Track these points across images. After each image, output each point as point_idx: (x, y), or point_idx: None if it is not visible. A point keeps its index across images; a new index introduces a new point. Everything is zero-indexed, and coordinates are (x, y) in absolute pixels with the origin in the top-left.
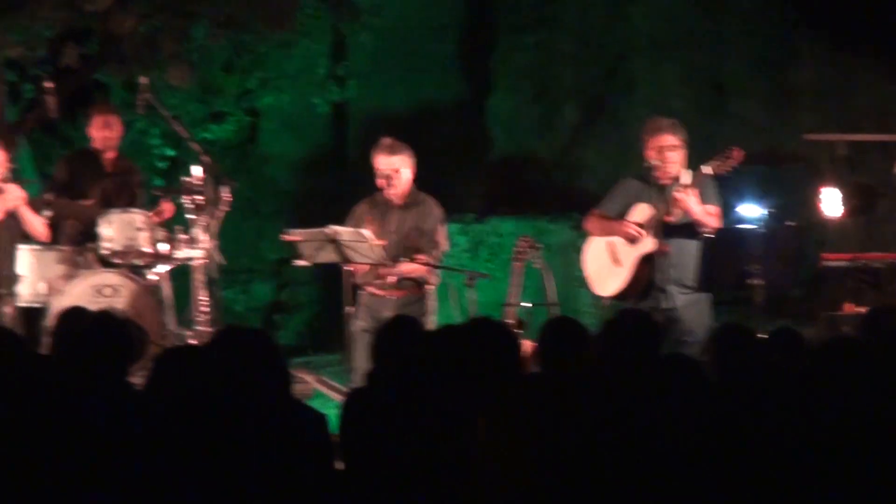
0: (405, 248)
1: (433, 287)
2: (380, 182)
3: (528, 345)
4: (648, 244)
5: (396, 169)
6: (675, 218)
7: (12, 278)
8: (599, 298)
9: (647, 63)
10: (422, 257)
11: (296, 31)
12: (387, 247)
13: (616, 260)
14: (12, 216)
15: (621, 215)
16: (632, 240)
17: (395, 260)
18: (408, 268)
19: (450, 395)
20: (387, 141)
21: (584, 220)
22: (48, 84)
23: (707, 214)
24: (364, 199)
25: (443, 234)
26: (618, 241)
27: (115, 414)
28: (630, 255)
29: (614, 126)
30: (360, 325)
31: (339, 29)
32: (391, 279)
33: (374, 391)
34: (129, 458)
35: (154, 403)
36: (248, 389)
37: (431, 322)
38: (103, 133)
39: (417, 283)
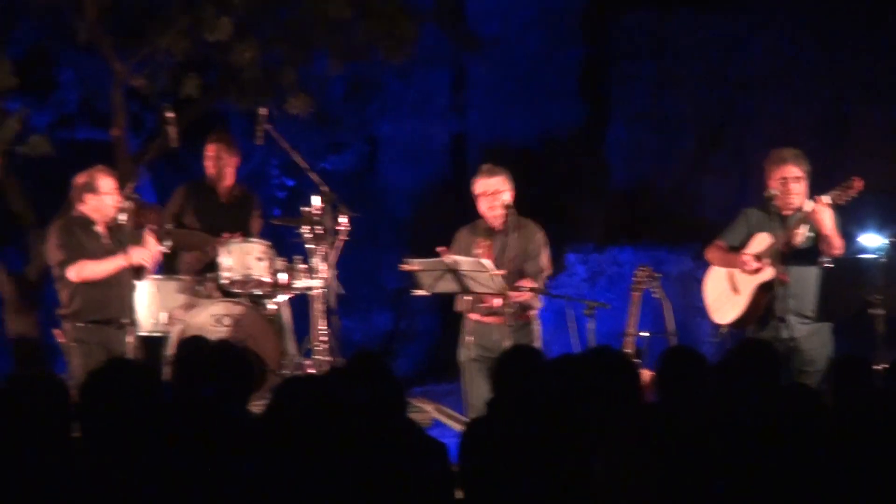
0: (509, 274)
1: (536, 313)
2: (481, 207)
3: (646, 374)
4: (768, 273)
5: (496, 191)
6: (800, 239)
7: (133, 308)
8: (718, 327)
9: (767, 93)
10: (527, 282)
11: (416, 61)
12: (505, 276)
13: (735, 288)
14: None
15: (742, 245)
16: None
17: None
18: (516, 294)
19: (569, 425)
20: (485, 166)
21: (705, 251)
22: (169, 114)
23: (837, 234)
24: (464, 227)
25: (547, 257)
26: (737, 269)
27: (235, 443)
28: (749, 284)
29: (733, 156)
30: (467, 354)
31: (459, 59)
32: (496, 303)
33: (493, 420)
34: (250, 486)
35: (273, 432)
36: (369, 417)
37: (539, 346)
38: (218, 164)
39: (522, 308)
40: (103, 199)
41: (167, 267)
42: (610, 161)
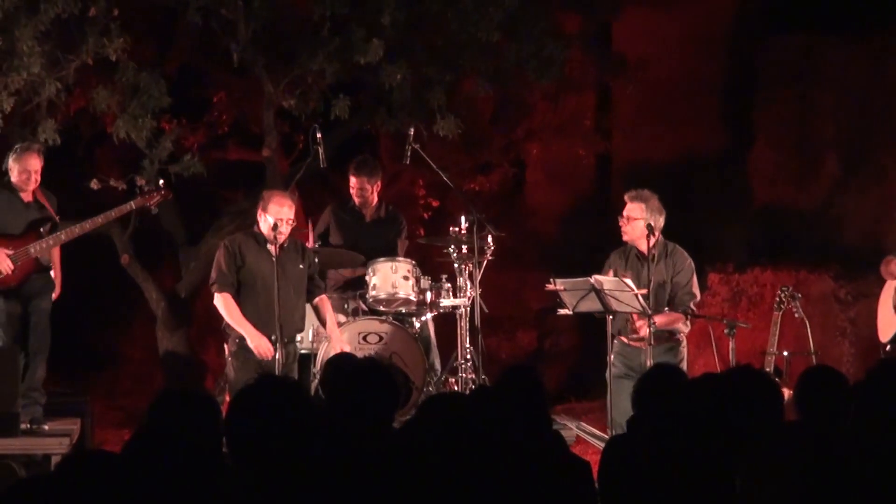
0: (658, 300)
1: (683, 336)
2: (623, 230)
3: (786, 393)
4: None
5: (629, 217)
6: None
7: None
8: (884, 346)
9: None
10: (671, 314)
11: (563, 83)
12: (649, 300)
13: (895, 306)
14: (294, 271)
15: None
16: None
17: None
18: (661, 320)
19: (711, 443)
20: (630, 192)
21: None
22: (319, 135)
23: None
24: (615, 250)
25: (695, 284)
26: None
27: (382, 459)
28: None
29: (876, 178)
30: (614, 371)
31: (604, 81)
32: (644, 332)
33: (635, 439)
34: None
35: (419, 449)
36: (517, 432)
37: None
38: (362, 195)
39: (669, 333)
40: (270, 223)
41: None
42: (752, 182)
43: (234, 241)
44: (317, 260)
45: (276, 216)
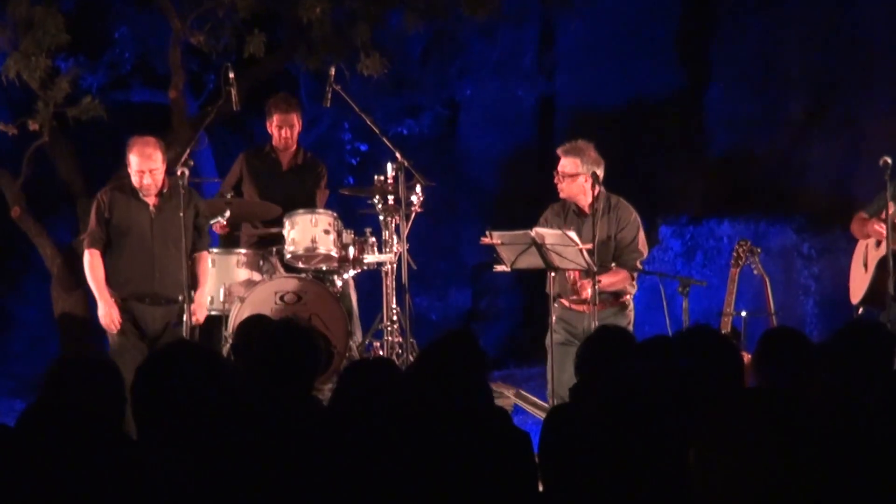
0: (601, 259)
1: (630, 298)
2: (559, 187)
3: (745, 357)
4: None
5: (568, 173)
6: None
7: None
8: (855, 307)
9: (886, 48)
10: (617, 271)
11: (500, 17)
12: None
13: (865, 264)
14: (175, 223)
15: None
16: (877, 240)
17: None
18: (606, 280)
19: (661, 413)
20: (564, 145)
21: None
22: (231, 75)
23: None
24: (550, 207)
25: (642, 241)
26: (871, 243)
27: (300, 430)
28: (874, 259)
29: (843, 122)
30: (555, 337)
31: (547, 15)
32: (585, 293)
33: (578, 408)
34: (315, 478)
35: (341, 421)
36: (452, 403)
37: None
38: (279, 132)
39: (615, 295)
40: (133, 174)
41: (226, 240)
42: (708, 126)
43: (105, 192)
44: (228, 213)
45: (137, 167)
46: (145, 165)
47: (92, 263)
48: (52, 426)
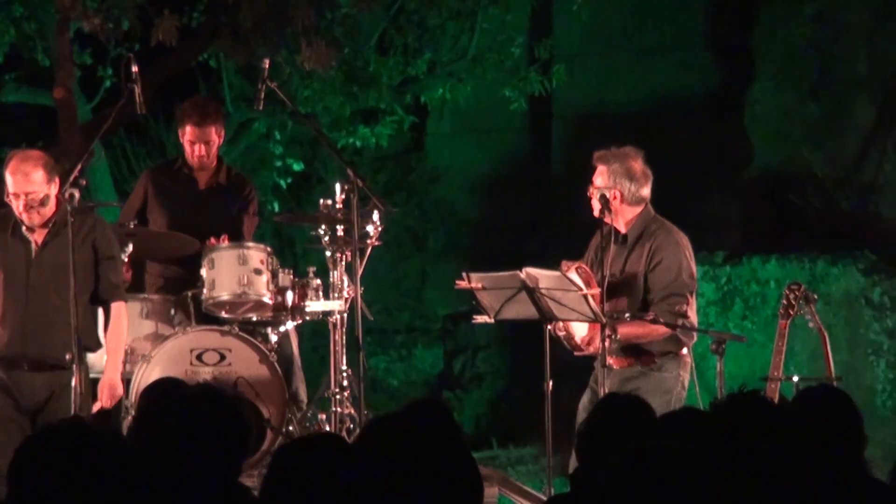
0: (618, 296)
1: (678, 354)
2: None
3: None
4: None
5: (596, 186)
6: None
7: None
8: None
9: None
10: (649, 316)
11: None
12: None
13: None
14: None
15: None
16: None
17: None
18: (627, 330)
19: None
20: (602, 151)
21: None
22: (135, 69)
23: None
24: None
25: (684, 281)
26: None
27: None
28: None
29: None
30: (583, 400)
31: None
32: (594, 347)
33: (581, 501)
34: None
35: None
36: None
37: (675, 402)
38: (196, 147)
39: (642, 350)
40: (12, 202)
41: (129, 282)
42: (751, 136)
43: None
44: (130, 247)
45: (12, 190)
46: (22, 187)
47: None
48: None
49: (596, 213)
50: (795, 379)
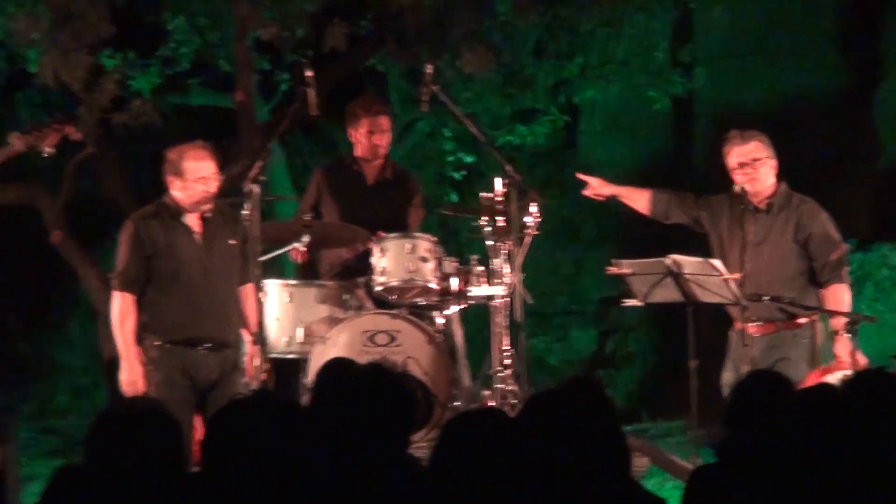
0: (772, 272)
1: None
2: (735, 177)
3: None
4: None
5: (754, 159)
6: None
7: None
8: None
9: None
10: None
11: (628, 5)
12: (746, 278)
13: None
14: (224, 252)
15: None
16: None
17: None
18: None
19: (824, 476)
20: (733, 132)
21: None
22: (308, 73)
23: None
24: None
25: (838, 244)
26: None
27: (394, 494)
28: None
29: None
30: (724, 376)
31: (683, 2)
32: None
33: (725, 470)
34: None
35: (443, 483)
36: (569, 467)
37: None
38: (369, 139)
39: (789, 315)
40: (190, 186)
41: (304, 270)
42: (881, 131)
43: (139, 220)
44: (306, 238)
45: (196, 174)
46: (208, 170)
47: (122, 311)
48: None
49: (754, 186)
50: None
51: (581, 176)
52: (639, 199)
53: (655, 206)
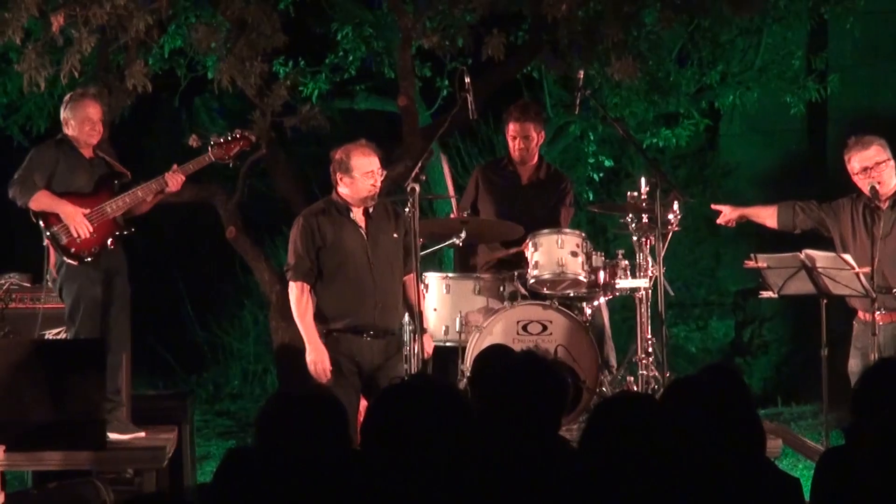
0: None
1: None
2: (858, 181)
3: None
4: None
5: (876, 163)
6: None
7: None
8: None
9: None
10: None
11: (766, 16)
12: (874, 271)
13: None
14: (389, 244)
15: None
16: None
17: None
18: None
19: None
20: (853, 138)
21: None
22: (468, 80)
23: None
24: (837, 202)
25: None
26: None
27: (546, 474)
28: None
29: None
30: (851, 364)
31: (818, 13)
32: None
33: (853, 452)
34: None
35: (593, 464)
36: (708, 448)
37: None
38: (516, 141)
39: None
40: (358, 181)
41: (462, 263)
42: None
43: (311, 215)
44: (464, 234)
45: (363, 170)
46: (372, 166)
47: (300, 299)
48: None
49: (885, 187)
50: None
51: (715, 206)
52: (766, 216)
53: (783, 219)
